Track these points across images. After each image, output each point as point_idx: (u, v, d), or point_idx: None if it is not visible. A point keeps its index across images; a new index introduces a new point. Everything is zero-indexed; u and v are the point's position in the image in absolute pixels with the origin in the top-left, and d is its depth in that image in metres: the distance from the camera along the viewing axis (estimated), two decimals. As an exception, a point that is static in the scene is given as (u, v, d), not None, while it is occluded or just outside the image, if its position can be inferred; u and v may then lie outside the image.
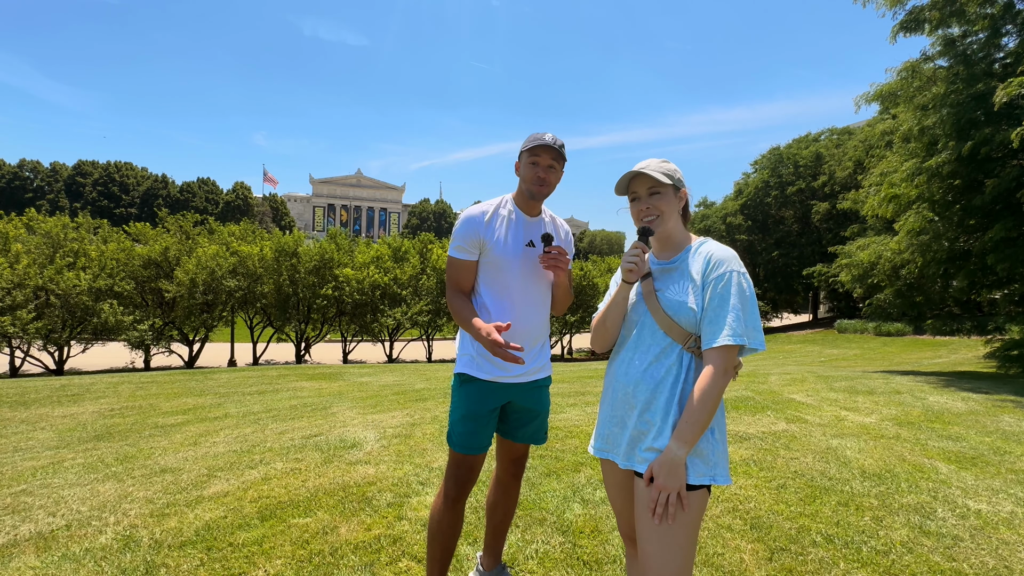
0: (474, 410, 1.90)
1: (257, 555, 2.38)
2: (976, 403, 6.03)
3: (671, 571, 1.31)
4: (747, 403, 5.75)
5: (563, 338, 32.32)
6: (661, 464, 1.34)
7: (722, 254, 1.41)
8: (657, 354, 1.44)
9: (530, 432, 2.04)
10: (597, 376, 9.23)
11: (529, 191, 1.89)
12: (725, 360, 1.34)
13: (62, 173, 75.80)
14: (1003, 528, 2.72)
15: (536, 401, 2.01)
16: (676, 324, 1.42)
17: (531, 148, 1.85)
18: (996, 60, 9.87)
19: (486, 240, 1.89)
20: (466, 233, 1.89)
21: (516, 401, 1.97)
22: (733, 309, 1.34)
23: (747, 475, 3.41)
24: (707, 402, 1.31)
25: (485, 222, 1.90)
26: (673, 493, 1.32)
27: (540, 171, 1.87)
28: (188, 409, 6.33)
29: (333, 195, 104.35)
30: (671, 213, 1.52)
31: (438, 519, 1.90)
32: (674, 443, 1.33)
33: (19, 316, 18.46)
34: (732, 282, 1.36)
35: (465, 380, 1.92)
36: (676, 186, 1.53)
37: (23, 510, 2.97)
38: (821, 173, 35.90)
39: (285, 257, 24.93)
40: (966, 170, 9.67)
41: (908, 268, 11.49)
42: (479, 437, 1.91)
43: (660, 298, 1.46)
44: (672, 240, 1.54)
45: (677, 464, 1.32)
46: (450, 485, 1.91)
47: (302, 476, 3.39)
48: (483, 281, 1.94)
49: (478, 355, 1.90)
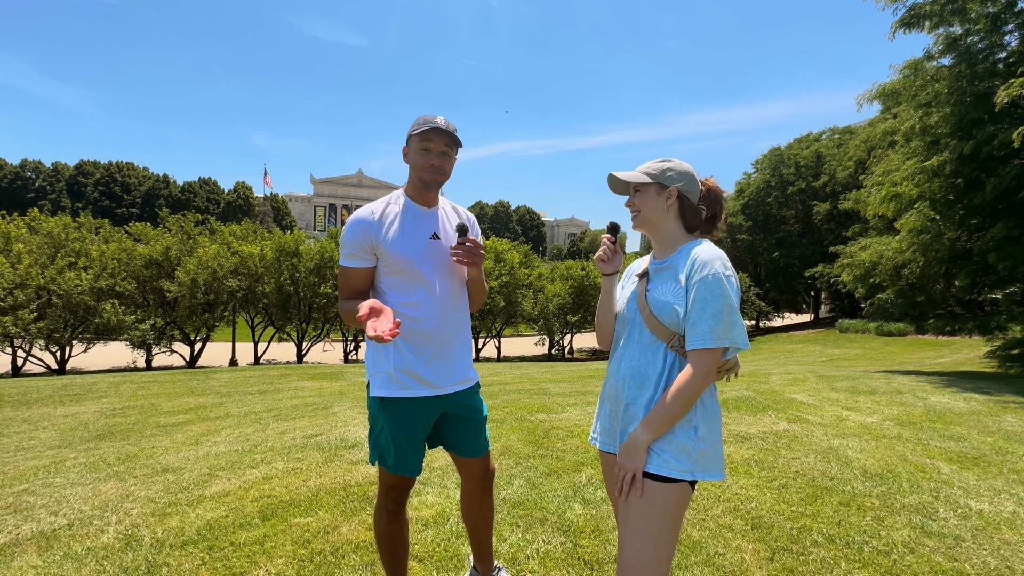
0: (405, 432, 1.76)
1: (258, 554, 2.38)
2: (978, 403, 6.02)
3: (644, 557, 1.33)
4: (748, 403, 5.75)
5: (563, 338, 32.34)
6: (625, 446, 1.41)
7: (707, 256, 1.40)
8: (644, 352, 1.48)
9: (472, 442, 1.90)
10: (597, 376, 9.23)
11: (422, 180, 1.76)
12: (706, 362, 1.35)
13: (64, 173, 75.92)
14: (1005, 528, 2.72)
15: (470, 408, 1.88)
16: (659, 323, 1.44)
17: (422, 132, 1.71)
18: (999, 59, 9.85)
19: (380, 243, 1.74)
20: (355, 237, 1.73)
21: (450, 412, 1.85)
22: (715, 312, 1.35)
23: (748, 475, 3.41)
24: (679, 398, 1.35)
25: (376, 222, 1.75)
26: (630, 473, 1.37)
27: (433, 157, 1.73)
28: (189, 409, 6.34)
29: (334, 195, 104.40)
30: (652, 211, 1.52)
31: (386, 534, 1.86)
32: (640, 428, 1.39)
33: (21, 316, 18.51)
34: (714, 284, 1.36)
35: (388, 403, 1.75)
36: (662, 184, 1.50)
37: (25, 509, 2.98)
38: (822, 173, 35.85)
39: (286, 257, 24.96)
40: (968, 169, 9.65)
41: (910, 268, 11.48)
42: (415, 459, 1.79)
43: (648, 297, 1.49)
44: (665, 240, 1.53)
45: (638, 447, 1.38)
46: (389, 501, 1.84)
47: (303, 476, 3.40)
48: (388, 286, 1.78)
49: (396, 371, 1.74)
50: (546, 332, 30.50)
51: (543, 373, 10.44)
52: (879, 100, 11.44)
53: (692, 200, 1.52)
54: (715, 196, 1.56)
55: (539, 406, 5.59)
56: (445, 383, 1.80)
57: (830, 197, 33.79)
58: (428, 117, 1.74)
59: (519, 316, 29.77)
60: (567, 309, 29.85)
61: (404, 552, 1.91)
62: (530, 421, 4.84)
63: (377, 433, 1.82)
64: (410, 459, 1.79)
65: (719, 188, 1.57)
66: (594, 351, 33.21)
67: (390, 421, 1.76)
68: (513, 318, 29.82)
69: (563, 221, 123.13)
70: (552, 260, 77.04)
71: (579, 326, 30.45)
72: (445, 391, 1.81)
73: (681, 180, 1.51)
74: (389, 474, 1.81)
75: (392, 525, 1.86)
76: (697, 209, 1.53)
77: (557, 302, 29.56)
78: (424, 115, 1.76)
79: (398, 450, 1.77)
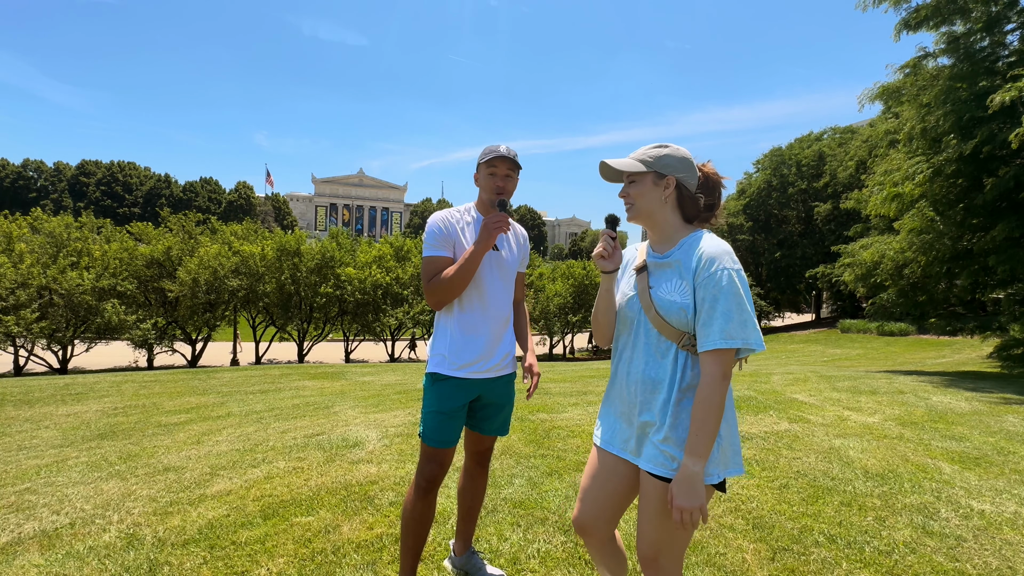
0: (446, 406, 1.99)
1: (260, 553, 2.38)
2: (980, 403, 6.01)
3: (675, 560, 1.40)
4: (750, 403, 5.74)
5: (565, 338, 32.34)
6: (679, 483, 1.30)
7: (713, 251, 1.33)
8: (654, 353, 1.42)
9: (497, 424, 2.15)
10: (599, 376, 9.22)
11: (490, 199, 2.03)
12: (721, 364, 1.29)
13: (66, 173, 76.02)
14: (1007, 528, 2.71)
15: (503, 395, 2.12)
16: (668, 324, 1.38)
17: (488, 160, 2.00)
18: (1000, 57, 9.82)
19: (455, 240, 2.02)
20: (439, 233, 2.01)
21: (485, 396, 2.08)
22: (726, 311, 1.28)
23: (749, 475, 3.41)
24: (711, 411, 1.28)
25: (454, 223, 2.04)
26: (696, 513, 1.28)
27: (499, 180, 2.01)
28: (191, 408, 6.35)
29: (335, 195, 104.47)
30: (647, 201, 1.44)
31: (411, 510, 2.01)
32: (688, 459, 1.29)
33: (23, 316, 18.52)
34: (724, 281, 1.29)
35: (437, 379, 2.01)
36: (659, 172, 1.42)
37: (27, 508, 2.99)
38: (823, 173, 35.81)
39: (287, 256, 24.97)
40: (969, 169, 9.63)
41: (911, 267, 11.46)
42: (449, 432, 2.00)
43: (652, 296, 1.42)
44: (663, 231, 1.45)
45: (694, 482, 1.29)
46: (421, 478, 2.00)
47: (304, 475, 3.40)
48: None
49: (449, 354, 2.00)
50: (547, 332, 30.50)
51: (544, 372, 10.44)
52: (881, 99, 11.43)
53: (690, 188, 1.44)
54: (714, 183, 1.48)
55: (540, 406, 5.59)
56: (486, 369, 2.03)
57: (831, 197, 33.76)
58: (493, 147, 2.02)
59: (520, 316, 29.72)
60: (568, 308, 29.84)
61: (423, 536, 2.04)
62: (531, 421, 4.84)
63: (425, 406, 2.04)
64: (446, 432, 1.99)
65: (717, 174, 1.49)
66: (595, 350, 33.19)
67: (437, 395, 2.00)
68: (514, 318, 29.76)
69: (564, 220, 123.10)
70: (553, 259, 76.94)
71: (580, 325, 30.43)
72: (486, 375, 2.04)
73: (679, 168, 1.43)
74: (426, 447, 2.00)
75: (420, 503, 1.99)
76: (695, 198, 1.45)
77: (558, 301, 29.56)
78: (489, 144, 2.06)
79: (437, 422, 1.99)
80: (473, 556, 2.25)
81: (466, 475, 2.26)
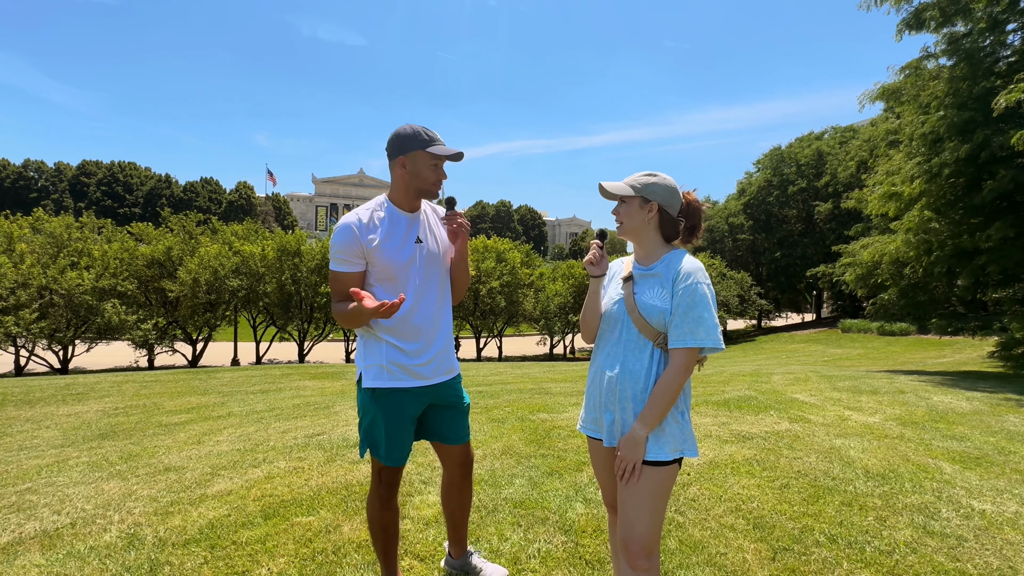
0: (396, 422, 1.88)
1: (260, 553, 2.39)
2: (981, 403, 6.01)
3: (647, 528, 1.56)
4: (750, 403, 5.74)
5: (565, 338, 32.35)
6: (625, 440, 1.58)
7: (690, 267, 1.59)
8: (634, 349, 1.63)
9: (457, 429, 2.04)
10: (599, 375, 9.21)
11: (427, 191, 1.90)
12: (687, 359, 1.55)
13: (66, 173, 76.06)
14: (1008, 528, 2.71)
15: (455, 397, 2.04)
16: (648, 324, 1.61)
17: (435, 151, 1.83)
18: (1001, 58, 9.82)
19: (369, 249, 1.83)
20: (345, 243, 1.82)
21: (436, 402, 1.99)
22: (698, 317, 1.54)
23: (750, 475, 3.40)
24: (667, 394, 1.55)
25: (365, 227, 1.83)
26: (631, 464, 1.56)
27: (441, 173, 1.89)
28: (192, 408, 6.35)
29: (336, 195, 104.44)
30: (633, 222, 1.67)
31: (378, 520, 1.96)
32: (638, 424, 1.57)
33: (23, 316, 18.55)
34: (697, 292, 1.55)
35: (380, 395, 1.87)
36: (645, 197, 1.65)
37: (28, 508, 2.99)
38: (824, 173, 35.79)
39: (287, 256, 25.00)
40: (968, 169, 9.62)
41: (912, 267, 11.45)
42: (405, 447, 1.93)
43: (637, 300, 1.65)
44: (646, 248, 1.70)
45: (638, 442, 1.56)
46: (382, 488, 1.94)
47: (305, 475, 3.40)
48: (379, 288, 1.89)
49: (389, 364, 1.86)
50: (547, 331, 30.51)
51: (544, 372, 10.45)
52: (881, 100, 11.42)
53: (672, 213, 1.67)
54: (694, 209, 1.71)
55: (540, 405, 5.59)
56: (433, 374, 1.94)
57: (832, 197, 33.72)
58: (429, 132, 1.84)
59: (520, 316, 29.81)
60: (568, 308, 29.85)
61: (395, 538, 2.03)
62: (531, 421, 4.84)
63: (368, 424, 1.92)
64: (402, 448, 1.92)
65: (699, 202, 1.73)
66: (595, 351, 33.14)
67: (382, 411, 1.88)
68: (515, 318, 29.85)
69: (564, 220, 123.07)
70: (553, 259, 76.99)
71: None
72: (433, 381, 1.95)
73: (662, 195, 1.65)
74: (383, 466, 1.93)
75: (386, 512, 1.97)
76: (676, 221, 1.68)
77: (558, 301, 29.56)
78: (414, 127, 1.85)
79: (390, 439, 1.89)
80: (471, 557, 2.22)
81: (450, 488, 2.13)
